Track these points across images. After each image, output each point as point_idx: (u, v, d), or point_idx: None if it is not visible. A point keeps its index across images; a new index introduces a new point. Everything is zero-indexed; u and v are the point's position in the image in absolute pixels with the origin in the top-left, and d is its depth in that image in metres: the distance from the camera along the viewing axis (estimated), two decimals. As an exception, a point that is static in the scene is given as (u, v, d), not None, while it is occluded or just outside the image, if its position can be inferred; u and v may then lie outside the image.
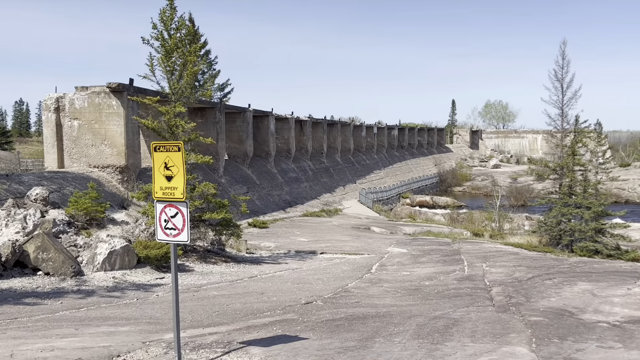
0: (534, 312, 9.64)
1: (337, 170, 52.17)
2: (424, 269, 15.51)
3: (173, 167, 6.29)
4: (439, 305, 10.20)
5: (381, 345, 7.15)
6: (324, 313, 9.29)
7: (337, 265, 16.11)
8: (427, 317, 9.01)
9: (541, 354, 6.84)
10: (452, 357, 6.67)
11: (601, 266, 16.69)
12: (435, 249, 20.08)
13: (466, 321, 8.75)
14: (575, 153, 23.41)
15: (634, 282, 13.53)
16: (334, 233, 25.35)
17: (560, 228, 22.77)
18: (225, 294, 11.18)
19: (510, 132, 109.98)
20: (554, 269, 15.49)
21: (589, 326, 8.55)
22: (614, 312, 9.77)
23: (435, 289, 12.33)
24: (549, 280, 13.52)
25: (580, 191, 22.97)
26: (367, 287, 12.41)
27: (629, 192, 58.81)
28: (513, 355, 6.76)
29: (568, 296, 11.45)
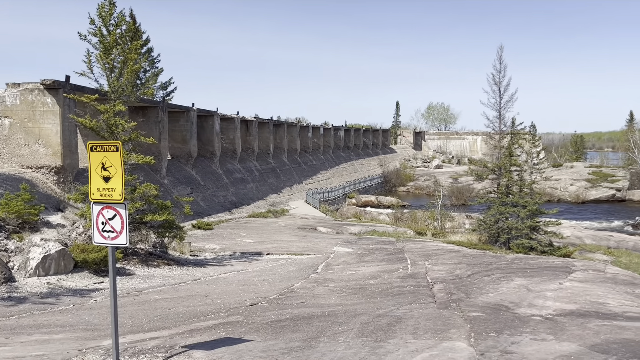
0: (473, 307, 9.98)
1: (283, 171, 52.07)
2: (368, 268, 15.72)
3: (111, 168, 6.07)
4: (383, 304, 10.36)
5: (325, 345, 7.19)
6: (269, 314, 9.24)
7: (283, 266, 16.06)
8: (371, 316, 9.13)
9: (479, 348, 7.09)
10: (395, 354, 6.80)
11: (535, 262, 17.45)
12: (380, 248, 20.39)
13: (409, 318, 8.94)
14: (511, 154, 24.39)
15: (565, 276, 14.26)
16: (281, 234, 25.27)
17: (498, 226, 23.65)
18: (167, 297, 10.91)
19: (451, 133, 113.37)
20: (492, 266, 16.06)
21: (524, 320, 8.93)
22: (546, 306, 10.26)
23: (380, 287, 12.52)
24: (487, 277, 14.01)
25: (516, 190, 23.94)
26: (312, 287, 12.44)
27: (560, 191, 61.97)
28: (452, 350, 6.96)
29: (505, 292, 11.91)
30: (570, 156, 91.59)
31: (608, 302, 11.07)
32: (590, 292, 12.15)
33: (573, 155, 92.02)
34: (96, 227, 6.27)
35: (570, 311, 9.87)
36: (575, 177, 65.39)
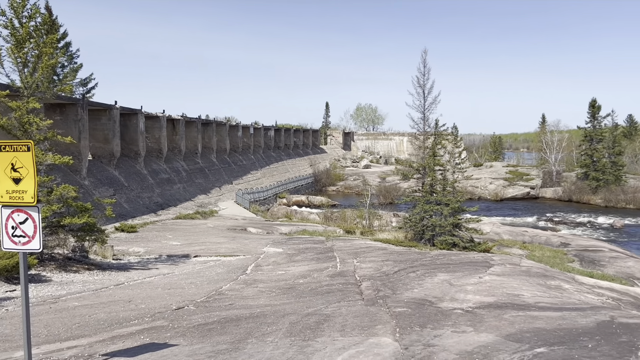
0: (399, 303, 10.27)
1: (212, 171, 51.15)
2: (298, 268, 15.77)
3: (22, 169, 5.70)
4: (312, 302, 10.43)
5: (253, 346, 7.14)
6: (196, 317, 9.05)
7: (212, 268, 15.78)
8: (300, 315, 9.17)
9: (403, 342, 7.31)
10: (322, 352, 6.87)
11: (458, 258, 18.21)
12: (310, 247, 20.52)
13: (337, 316, 9.06)
14: (435, 154, 25.36)
15: (485, 271, 14.99)
16: (209, 235, 24.81)
17: (423, 224, 24.50)
18: (87, 304, 10.41)
19: (379, 134, 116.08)
20: (417, 262, 16.59)
21: (446, 313, 9.31)
22: (467, 299, 10.75)
23: (309, 286, 12.59)
24: (412, 273, 14.47)
25: (440, 189, 24.91)
26: (241, 289, 12.31)
27: (481, 190, 65.15)
28: (378, 346, 7.14)
29: (429, 287, 12.35)
30: (490, 156, 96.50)
31: (523, 294, 11.75)
32: (507, 285, 12.85)
33: (492, 156, 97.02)
34: (6, 232, 5.87)
35: (489, 303, 10.39)
36: (494, 176, 68.97)
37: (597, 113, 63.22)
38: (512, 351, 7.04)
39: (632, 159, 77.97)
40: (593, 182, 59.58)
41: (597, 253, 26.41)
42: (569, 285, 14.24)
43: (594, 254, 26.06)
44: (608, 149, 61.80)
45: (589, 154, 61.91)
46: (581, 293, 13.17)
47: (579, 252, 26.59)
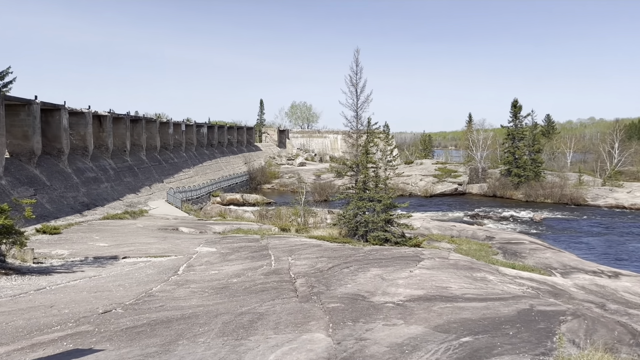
0: (332, 299, 10.38)
1: (142, 169, 49.45)
2: (232, 267, 15.57)
3: None
4: (245, 301, 10.34)
5: (185, 348, 6.98)
6: (124, 321, 8.72)
7: (142, 270, 15.26)
8: (233, 314, 9.06)
9: (336, 337, 7.40)
10: (255, 350, 6.83)
11: (390, 252, 18.65)
12: (245, 246, 20.32)
13: (271, 314, 9.03)
14: (368, 152, 25.81)
15: (415, 265, 15.45)
16: (139, 236, 23.97)
17: (356, 220, 24.89)
18: (4, 310, 9.77)
19: (314, 132, 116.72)
20: (351, 258, 16.84)
21: (378, 307, 9.51)
22: (398, 293, 11.03)
23: (243, 285, 12.47)
24: (346, 269, 14.67)
25: (372, 186, 25.38)
26: (173, 290, 12.00)
27: (412, 186, 67.08)
28: (311, 342, 7.18)
29: (362, 282, 12.57)
30: (420, 154, 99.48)
31: (451, 286, 12.22)
32: (436, 278, 13.31)
33: (422, 153, 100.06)
34: None
35: (419, 296, 10.72)
36: (424, 173, 71.21)
37: (519, 113, 66.68)
38: (440, 341, 7.30)
39: (550, 157, 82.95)
40: (515, 178, 62.86)
41: (518, 245, 27.88)
42: (493, 276, 14.96)
43: (516, 246, 27.49)
44: (528, 147, 65.35)
45: (511, 151, 65.19)
46: (504, 284, 13.87)
47: (502, 245, 27.96)
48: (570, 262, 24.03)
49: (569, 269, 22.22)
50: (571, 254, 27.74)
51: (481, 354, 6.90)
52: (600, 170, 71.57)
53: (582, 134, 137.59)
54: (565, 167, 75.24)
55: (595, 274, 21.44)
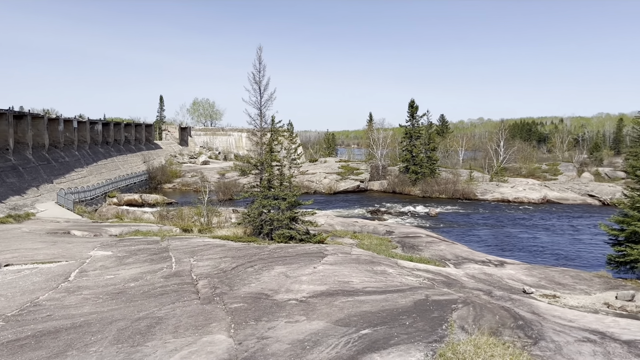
0: (235, 299, 10.24)
1: (28, 169, 45.65)
2: (130, 271, 14.84)
3: None
4: (144, 306, 9.90)
5: (74, 359, 6.53)
6: (5, 334, 7.99)
7: (27, 277, 14.08)
8: (129, 320, 8.64)
9: (237, 337, 7.31)
10: (152, 356, 6.56)
11: (294, 250, 18.76)
12: (143, 249, 19.45)
13: (170, 318, 8.72)
14: (272, 150, 25.76)
15: (319, 261, 15.68)
16: (24, 241, 22.10)
17: (261, 218, 24.76)
18: None
19: (217, 129, 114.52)
20: (255, 257, 16.72)
21: (281, 305, 9.53)
22: (302, 290, 11.13)
23: (142, 289, 11.93)
24: (250, 268, 14.54)
25: (277, 184, 25.39)
26: (63, 298, 11.19)
27: (316, 184, 68.09)
28: (212, 344, 7.03)
29: (266, 280, 12.53)
30: (324, 152, 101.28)
31: (352, 280, 12.54)
32: (339, 273, 13.59)
33: (326, 151, 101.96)
34: None
35: (321, 292, 10.89)
36: (328, 170, 72.57)
37: (416, 113, 70.07)
38: (340, 335, 7.47)
39: (444, 154, 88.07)
40: (413, 175, 66.00)
41: (416, 239, 29.29)
42: (393, 269, 15.58)
43: (413, 240, 28.86)
44: (425, 145, 68.89)
45: (409, 149, 68.36)
46: (402, 276, 14.49)
47: (401, 239, 29.22)
48: (462, 253, 25.66)
49: (461, 259, 23.72)
50: (463, 246, 29.64)
51: (379, 345, 7.16)
52: (488, 166, 77.22)
53: (473, 133, 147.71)
54: (458, 164, 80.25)
55: (484, 263, 23.08)
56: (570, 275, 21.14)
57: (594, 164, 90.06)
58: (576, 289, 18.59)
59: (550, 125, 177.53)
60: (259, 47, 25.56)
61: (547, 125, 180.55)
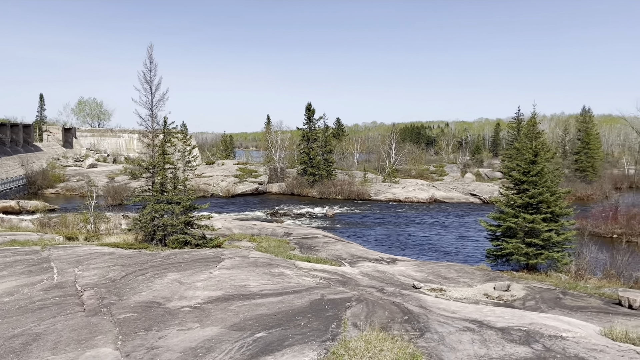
0: (125, 309, 9.73)
1: None
2: (3, 285, 13.52)
3: None
4: (19, 322, 9.08)
5: None
6: None
7: None
8: (2, 339, 7.88)
9: (125, 350, 6.95)
10: (28, 377, 6.04)
11: (189, 255, 18.22)
12: (20, 260, 17.83)
13: (50, 333, 8.09)
14: (165, 152, 24.85)
15: (216, 266, 15.38)
16: None
17: (154, 224, 23.78)
18: None
19: (106, 131, 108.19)
20: (147, 264, 16.01)
21: (174, 313, 9.22)
22: (196, 296, 10.84)
23: (17, 304, 10.93)
24: (142, 276, 13.90)
25: (171, 188, 24.53)
26: None
27: (213, 187, 66.77)
28: (96, 358, 6.63)
29: (159, 288, 12.05)
30: (222, 154, 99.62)
31: (249, 284, 12.45)
32: (236, 277, 13.43)
33: (224, 154, 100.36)
34: None
35: (217, 297, 10.69)
36: (226, 173, 71.50)
37: (312, 116, 71.28)
38: (235, 340, 7.38)
39: (340, 157, 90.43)
40: (310, 177, 67.06)
41: (313, 240, 29.79)
42: (290, 271, 15.70)
43: (311, 241, 29.32)
44: (321, 148, 70.30)
45: (306, 152, 69.34)
46: (300, 277, 14.65)
47: (299, 240, 29.56)
48: (357, 252, 26.53)
49: (356, 258, 24.50)
50: (358, 245, 30.65)
51: (273, 347, 7.17)
52: (382, 168, 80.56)
53: (367, 136, 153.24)
54: (353, 166, 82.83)
55: (377, 261, 24.04)
56: (455, 270, 22.68)
57: (475, 165, 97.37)
58: (460, 282, 19.97)
59: (437, 129, 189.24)
60: (150, 45, 24.58)
61: (434, 129, 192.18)
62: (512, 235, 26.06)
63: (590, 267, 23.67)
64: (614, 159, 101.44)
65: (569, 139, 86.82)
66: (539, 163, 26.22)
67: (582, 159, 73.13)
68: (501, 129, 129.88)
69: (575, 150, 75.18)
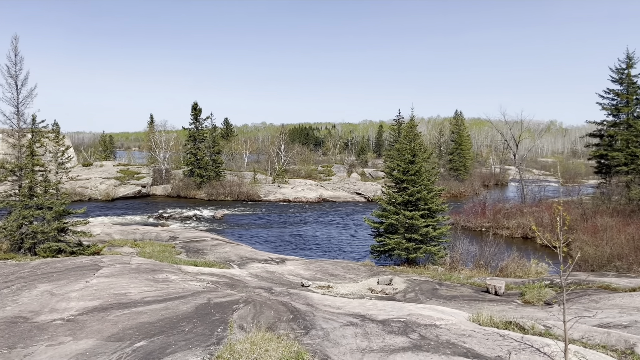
0: (-16, 327, 8.79)
1: None
2: None
3: None
4: None
5: None
6: None
7: None
8: None
9: (-16, 372, 6.29)
10: None
11: (63, 264, 16.93)
12: None
13: None
14: (34, 153, 22.84)
15: (93, 274, 14.42)
16: None
17: (22, 232, 21.76)
18: None
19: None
20: (13, 276, 14.63)
21: (43, 327, 8.49)
22: (69, 308, 10.09)
23: None
24: (6, 289, 12.65)
25: (41, 192, 22.61)
26: None
27: (91, 190, 62.56)
28: (-52, 385, 5.92)
29: (26, 301, 11.04)
30: (100, 155, 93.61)
31: (130, 292, 11.84)
32: (115, 285, 12.70)
33: (103, 155, 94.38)
34: None
35: (94, 307, 10.03)
36: (105, 175, 67.32)
37: (199, 115, 69.49)
38: (112, 351, 6.97)
39: (229, 157, 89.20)
40: (198, 178, 65.34)
41: (201, 243, 29.07)
42: (176, 276, 15.19)
43: (198, 244, 28.58)
44: (209, 148, 68.80)
45: (193, 152, 67.45)
46: (186, 282, 14.23)
47: (186, 244, 28.68)
48: (246, 253, 26.34)
49: (246, 260, 24.33)
50: (247, 246, 30.48)
51: (154, 356, 6.88)
52: (271, 169, 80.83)
53: (256, 137, 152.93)
54: (243, 167, 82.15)
55: (266, 262, 24.07)
56: (342, 266, 23.41)
57: (360, 166, 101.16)
58: (346, 278, 20.64)
59: (325, 131, 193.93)
60: (15, 36, 22.45)
61: (322, 130, 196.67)
62: (393, 231, 27.46)
63: (462, 258, 25.68)
64: (483, 158, 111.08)
65: (443, 140, 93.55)
66: (417, 163, 27.91)
67: (455, 159, 79.11)
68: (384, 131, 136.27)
69: (450, 151, 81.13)
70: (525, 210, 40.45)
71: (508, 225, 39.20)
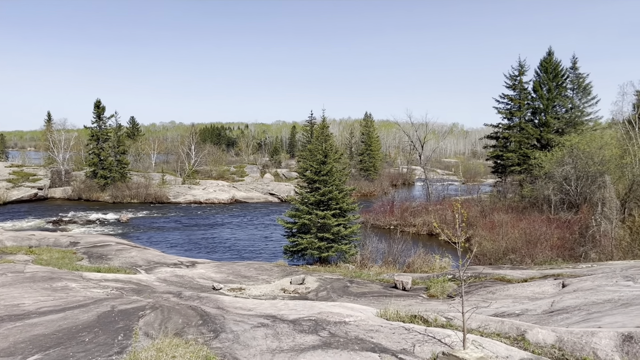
0: None
1: None
2: None
3: None
4: None
5: None
6: None
7: None
8: None
9: None
10: None
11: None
12: None
13: None
14: None
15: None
16: None
17: None
18: None
19: None
20: None
21: None
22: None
23: None
24: None
25: None
26: None
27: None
28: None
29: None
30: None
31: (24, 302, 11.00)
32: (7, 296, 11.75)
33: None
34: None
35: (-20, 322, 9.20)
36: (-4, 177, 62.01)
37: (102, 114, 65.90)
38: (2, 368, 6.44)
39: (136, 158, 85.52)
40: (101, 180, 61.98)
41: (105, 248, 27.58)
42: (76, 283, 14.33)
43: (102, 249, 27.09)
44: (114, 149, 65.49)
45: (96, 153, 63.89)
46: (87, 289, 13.45)
47: (88, 249, 27.08)
48: (154, 257, 25.37)
49: (153, 264, 23.43)
50: (155, 250, 29.36)
51: (51, 370, 6.43)
52: (181, 169, 78.49)
53: (165, 136, 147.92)
54: (151, 168, 79.13)
55: (176, 265, 23.32)
56: (255, 268, 23.23)
57: (274, 166, 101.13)
58: (259, 280, 20.52)
59: (237, 131, 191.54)
60: None
61: (234, 130, 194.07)
62: (306, 231, 27.73)
63: (372, 256, 26.47)
64: (391, 159, 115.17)
65: (354, 141, 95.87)
66: (329, 163, 28.38)
67: (365, 159, 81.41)
68: (297, 132, 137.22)
69: (360, 152, 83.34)
70: (430, 208, 42.49)
71: (415, 222, 40.97)
